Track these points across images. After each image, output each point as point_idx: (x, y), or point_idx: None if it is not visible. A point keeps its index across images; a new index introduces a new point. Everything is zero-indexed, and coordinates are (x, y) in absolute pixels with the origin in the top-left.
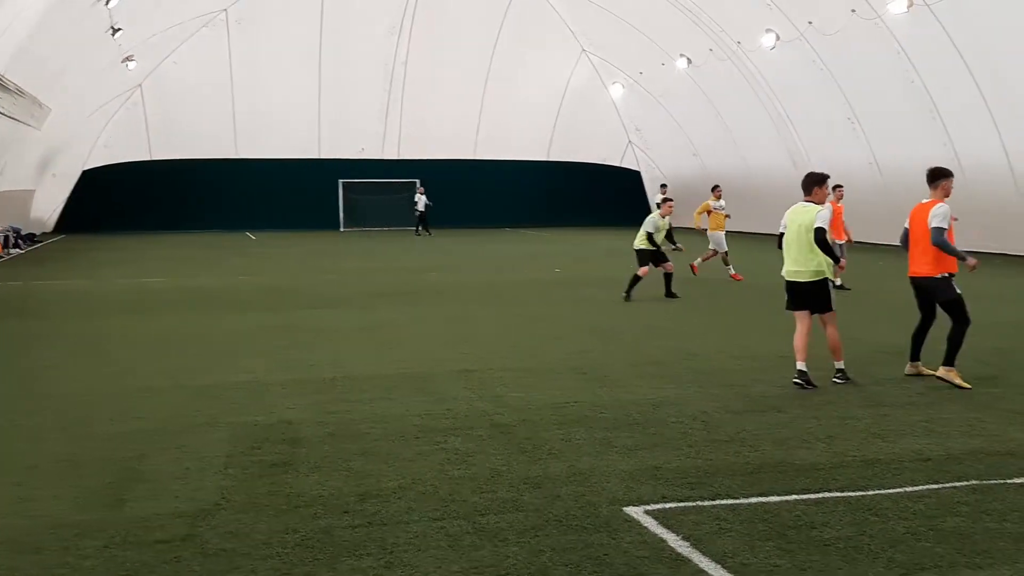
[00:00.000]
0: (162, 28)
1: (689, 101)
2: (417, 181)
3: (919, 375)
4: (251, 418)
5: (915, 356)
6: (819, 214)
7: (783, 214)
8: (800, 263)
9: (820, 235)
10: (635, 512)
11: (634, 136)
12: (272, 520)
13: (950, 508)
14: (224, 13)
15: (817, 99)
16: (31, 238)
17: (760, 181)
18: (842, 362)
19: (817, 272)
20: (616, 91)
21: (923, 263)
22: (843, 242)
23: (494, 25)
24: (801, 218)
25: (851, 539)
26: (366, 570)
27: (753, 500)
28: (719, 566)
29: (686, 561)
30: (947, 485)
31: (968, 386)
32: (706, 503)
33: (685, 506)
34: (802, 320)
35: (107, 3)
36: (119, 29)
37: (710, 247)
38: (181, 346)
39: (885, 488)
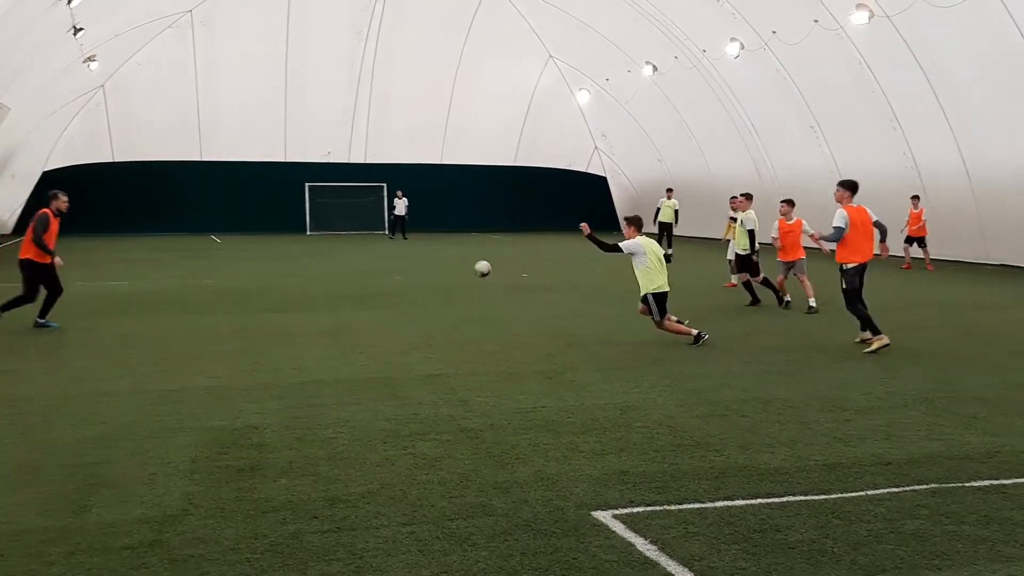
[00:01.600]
0: (125, 29)
1: (655, 108)
2: (384, 186)
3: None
4: (216, 423)
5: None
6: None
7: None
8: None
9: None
10: (603, 516)
11: (600, 142)
12: (240, 525)
13: (910, 511)
14: (189, 14)
15: (780, 107)
16: None
17: (724, 187)
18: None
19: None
20: (583, 97)
21: (871, 251)
22: (794, 260)
23: (461, 29)
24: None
25: (815, 542)
26: (335, 575)
27: (719, 504)
28: (686, 569)
29: (654, 564)
30: (907, 488)
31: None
32: (673, 507)
33: (652, 510)
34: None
35: (69, 2)
36: (81, 29)
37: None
38: (142, 350)
39: (847, 491)
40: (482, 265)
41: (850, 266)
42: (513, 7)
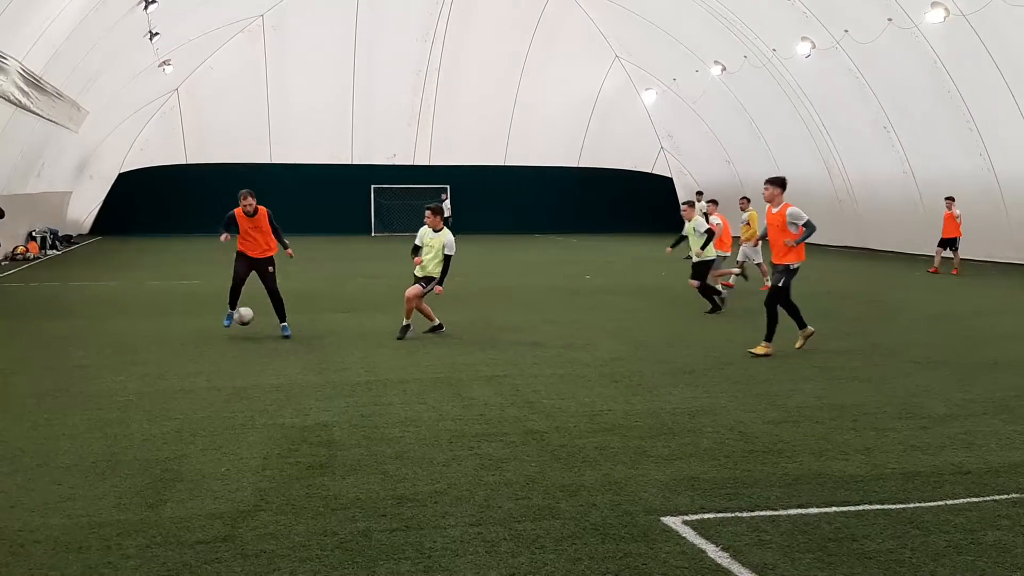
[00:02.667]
0: (199, 33)
1: (723, 108)
2: (447, 188)
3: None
4: (287, 420)
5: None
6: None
7: (817, 222)
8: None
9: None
10: (673, 522)
11: (666, 143)
12: (310, 522)
13: (991, 521)
14: (260, 19)
15: (852, 108)
16: (68, 240)
17: (794, 189)
18: None
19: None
20: (649, 97)
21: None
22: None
23: (527, 31)
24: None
25: (892, 552)
26: (404, 574)
27: (792, 511)
28: None
29: (726, 572)
30: (987, 498)
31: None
32: (745, 514)
33: (723, 517)
34: None
35: (145, 7)
36: (157, 34)
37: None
38: (214, 347)
39: (925, 501)
40: (245, 312)
41: (797, 265)
42: (580, 8)
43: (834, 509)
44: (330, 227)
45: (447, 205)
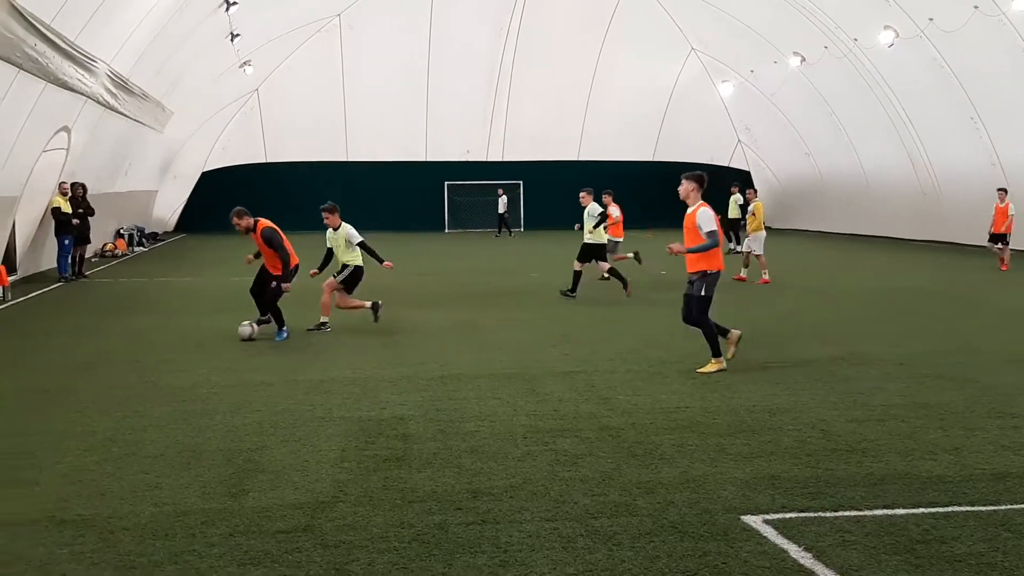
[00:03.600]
0: (278, 34)
1: (802, 100)
2: (520, 183)
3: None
4: (363, 413)
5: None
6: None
7: (902, 216)
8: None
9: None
10: (753, 521)
11: (744, 135)
12: (388, 514)
13: None
14: (337, 18)
15: (937, 98)
16: (153, 237)
17: (876, 182)
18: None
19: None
20: (726, 90)
21: None
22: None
23: (601, 25)
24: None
25: (983, 555)
26: (481, 568)
27: (878, 512)
28: None
29: (809, 573)
30: None
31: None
32: (828, 514)
33: (806, 516)
34: None
35: (227, 9)
36: (237, 35)
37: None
38: (291, 341)
39: (1018, 503)
40: (243, 330)
41: (716, 271)
42: (655, 0)
43: (922, 510)
44: (404, 224)
45: (503, 202)
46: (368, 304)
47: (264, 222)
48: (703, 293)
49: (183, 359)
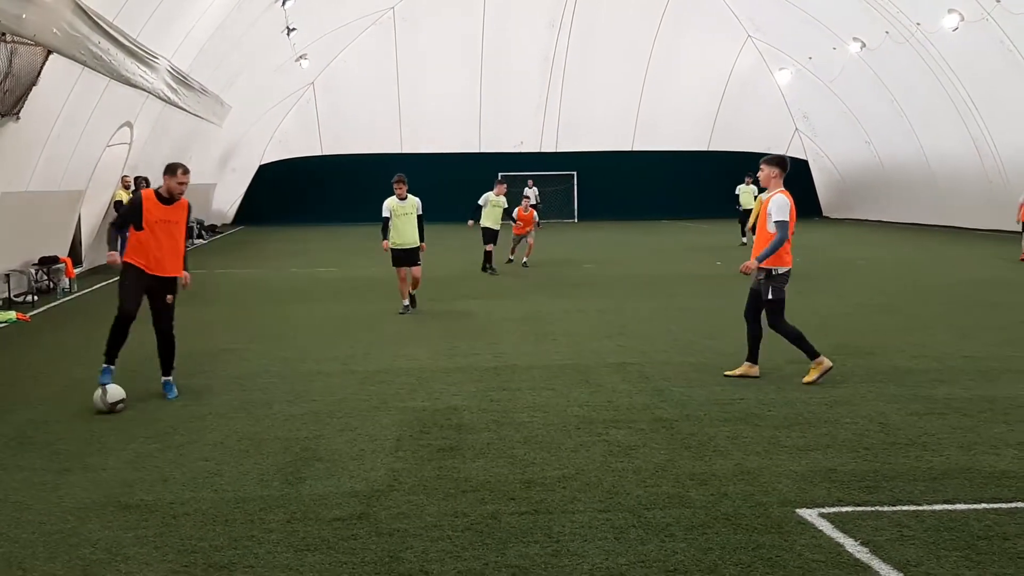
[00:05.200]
0: (333, 28)
1: (862, 87)
2: (574, 174)
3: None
4: (418, 403)
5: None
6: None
7: (967, 205)
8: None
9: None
10: (808, 514)
11: (801, 124)
12: (441, 503)
13: None
14: (391, 11)
15: (1005, 83)
16: (213, 229)
17: (940, 170)
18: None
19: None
20: (783, 77)
21: None
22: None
23: (655, 13)
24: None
25: None
26: (533, 557)
27: (937, 507)
28: (901, 574)
29: (865, 568)
30: None
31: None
32: (886, 508)
33: (863, 511)
34: None
35: (283, 4)
36: (294, 29)
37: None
38: (349, 332)
39: None
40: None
41: (784, 270)
42: None
43: (983, 506)
44: (460, 215)
45: (534, 193)
46: (407, 301)
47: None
48: (771, 296)
49: (243, 349)
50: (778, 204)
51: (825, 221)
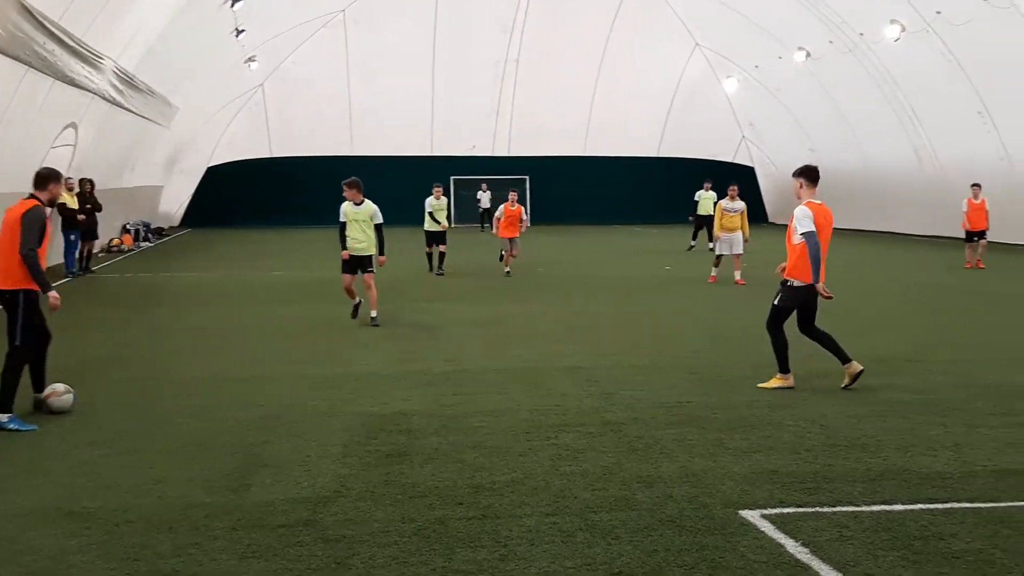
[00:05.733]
0: (283, 29)
1: (807, 95)
2: (527, 179)
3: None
4: (367, 408)
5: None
6: None
7: (909, 212)
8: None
9: None
10: (751, 516)
11: (748, 131)
12: (389, 509)
13: None
14: (342, 13)
15: (945, 93)
16: (159, 232)
17: (882, 178)
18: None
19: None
20: (730, 85)
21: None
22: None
23: (607, 21)
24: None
25: (982, 552)
26: (481, 562)
27: (876, 508)
28: (840, 574)
29: (806, 568)
30: None
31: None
32: (826, 509)
33: (804, 511)
34: None
35: (232, 5)
36: (243, 31)
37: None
38: (299, 336)
39: (1019, 500)
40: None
41: (800, 284)
42: None
43: (920, 506)
44: (412, 218)
45: (487, 197)
46: (357, 300)
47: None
48: (777, 302)
49: (190, 354)
50: (799, 216)
51: (771, 227)
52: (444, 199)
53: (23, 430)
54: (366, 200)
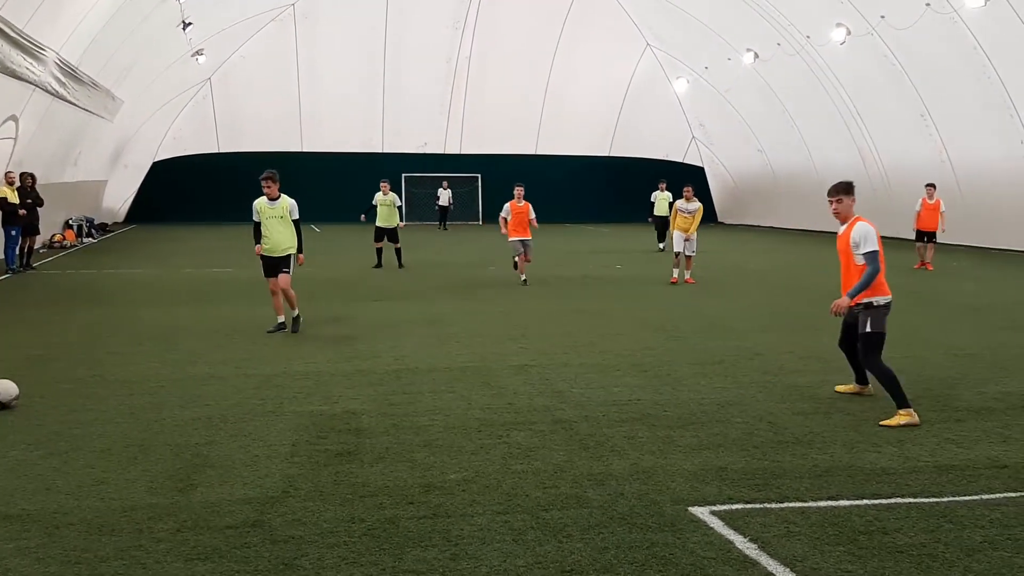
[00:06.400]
0: (231, 23)
1: (756, 97)
2: (479, 176)
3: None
4: (315, 407)
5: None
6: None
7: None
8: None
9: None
10: (701, 512)
11: (698, 132)
12: (338, 509)
13: None
14: (292, 8)
15: (888, 95)
16: (103, 228)
17: (828, 178)
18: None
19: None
20: (680, 86)
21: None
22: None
23: (558, 20)
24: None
25: (925, 546)
26: (431, 561)
27: (822, 504)
28: (788, 570)
29: (754, 563)
30: None
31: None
32: (774, 505)
33: (752, 508)
34: None
35: None
36: (190, 24)
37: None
38: (244, 335)
39: (960, 495)
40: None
41: (884, 300)
42: None
43: (865, 502)
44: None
45: (448, 195)
46: (282, 320)
47: None
48: (870, 329)
49: (132, 352)
50: (864, 234)
51: (720, 227)
52: (392, 195)
53: None
54: (283, 195)
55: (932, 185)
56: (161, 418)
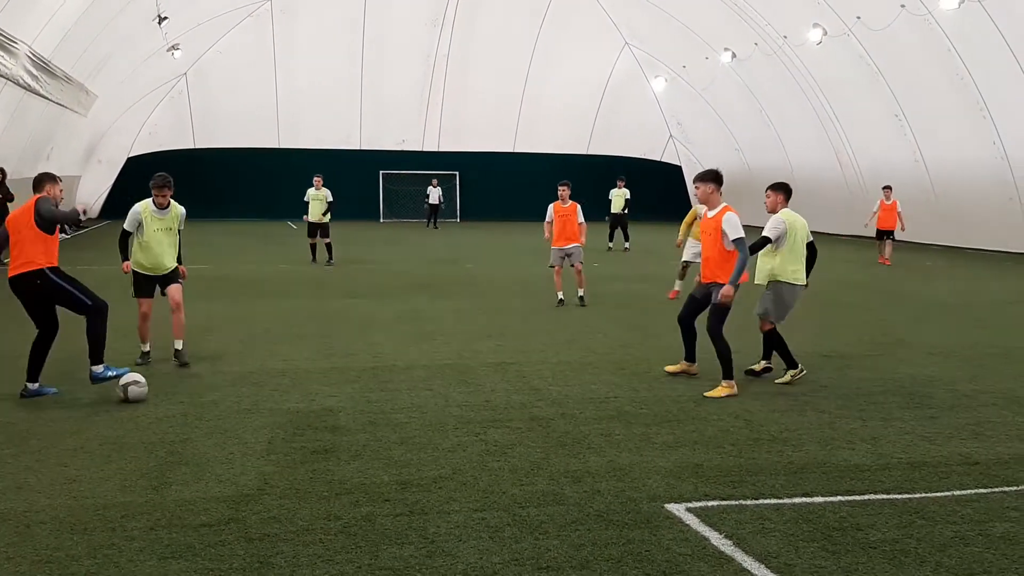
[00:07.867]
0: (207, 17)
1: (733, 96)
2: (456, 174)
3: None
4: (292, 405)
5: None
6: None
7: (828, 211)
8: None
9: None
10: (676, 509)
11: (676, 130)
12: (314, 506)
13: (999, 513)
14: (268, 3)
15: (863, 96)
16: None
17: (804, 178)
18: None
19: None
20: (658, 85)
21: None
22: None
23: (536, 17)
24: None
25: (897, 542)
26: (408, 559)
27: (797, 500)
28: (763, 566)
29: (729, 560)
30: (996, 490)
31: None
32: (749, 502)
33: (727, 504)
34: None
35: None
36: (165, 18)
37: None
38: (220, 332)
39: (932, 491)
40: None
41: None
42: None
43: (839, 498)
44: (339, 213)
45: (437, 193)
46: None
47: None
48: (719, 300)
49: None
50: (731, 222)
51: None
52: (325, 190)
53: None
54: (172, 201)
55: (888, 187)
56: (135, 415)
